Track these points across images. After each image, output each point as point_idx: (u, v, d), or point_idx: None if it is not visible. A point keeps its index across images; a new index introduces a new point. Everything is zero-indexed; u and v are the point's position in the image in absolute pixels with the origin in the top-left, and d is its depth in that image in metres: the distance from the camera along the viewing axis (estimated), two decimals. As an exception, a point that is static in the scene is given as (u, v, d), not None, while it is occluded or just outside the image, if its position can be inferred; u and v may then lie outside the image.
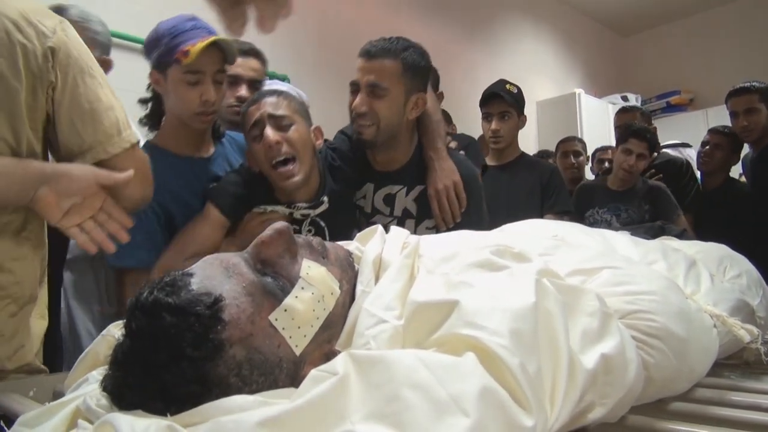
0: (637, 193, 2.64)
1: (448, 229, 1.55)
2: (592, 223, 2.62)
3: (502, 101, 2.35)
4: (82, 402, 0.56)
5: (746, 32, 5.47)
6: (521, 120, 2.43)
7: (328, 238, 1.49)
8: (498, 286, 0.61)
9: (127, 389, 0.54)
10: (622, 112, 3.34)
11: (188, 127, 1.41)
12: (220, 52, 1.34)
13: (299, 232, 1.44)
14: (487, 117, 2.42)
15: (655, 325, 0.70)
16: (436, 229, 1.59)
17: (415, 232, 1.59)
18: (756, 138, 2.67)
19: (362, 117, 1.49)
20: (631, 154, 2.59)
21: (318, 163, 1.48)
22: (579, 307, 0.65)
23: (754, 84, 2.67)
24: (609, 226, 2.59)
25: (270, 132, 1.32)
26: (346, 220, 1.55)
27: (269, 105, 1.36)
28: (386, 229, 1.68)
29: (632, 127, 2.72)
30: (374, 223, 1.64)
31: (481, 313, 0.55)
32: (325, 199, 1.46)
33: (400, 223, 1.65)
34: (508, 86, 2.40)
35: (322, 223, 1.48)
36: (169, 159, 1.40)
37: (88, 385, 0.67)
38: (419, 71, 1.52)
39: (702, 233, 1.64)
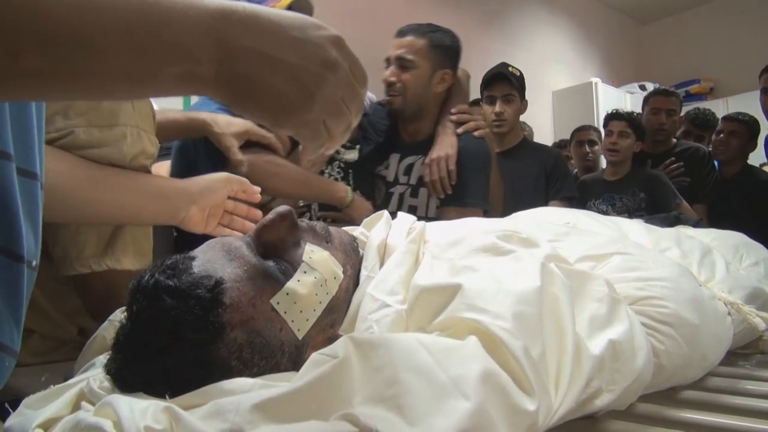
0: (632, 181, 2.60)
1: (442, 200, 1.68)
2: (591, 216, 2.57)
3: (507, 83, 2.30)
4: (86, 384, 0.56)
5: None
6: (523, 104, 2.38)
7: (351, 182, 1.68)
8: (502, 270, 0.60)
9: (128, 372, 0.54)
10: (658, 95, 2.89)
11: None
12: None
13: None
14: (489, 100, 2.35)
15: (666, 311, 0.69)
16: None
17: (428, 201, 1.73)
18: None
19: (391, 87, 1.69)
20: (612, 135, 2.61)
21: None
22: (587, 293, 0.64)
23: None
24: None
25: None
26: (358, 185, 1.70)
27: None
28: (402, 198, 1.78)
29: (608, 113, 2.77)
30: (392, 193, 1.76)
31: (484, 296, 0.54)
32: (357, 148, 1.67)
33: (415, 192, 1.78)
34: (510, 69, 2.35)
35: (350, 171, 1.68)
36: None
37: (94, 369, 0.67)
38: (446, 49, 1.70)
39: (719, 221, 1.61)
